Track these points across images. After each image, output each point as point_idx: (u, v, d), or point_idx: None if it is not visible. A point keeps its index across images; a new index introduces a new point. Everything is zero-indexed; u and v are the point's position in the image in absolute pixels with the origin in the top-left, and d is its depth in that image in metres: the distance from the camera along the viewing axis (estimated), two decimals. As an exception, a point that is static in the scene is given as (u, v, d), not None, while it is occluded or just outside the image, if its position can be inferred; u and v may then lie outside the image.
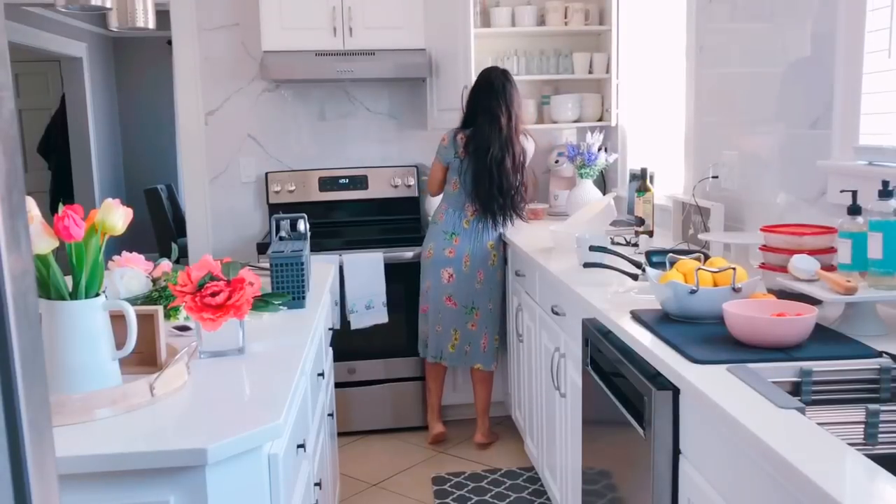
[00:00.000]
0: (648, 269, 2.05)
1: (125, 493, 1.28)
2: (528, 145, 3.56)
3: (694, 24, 3.01)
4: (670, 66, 3.34)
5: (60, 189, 7.15)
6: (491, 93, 3.43)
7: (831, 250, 1.91)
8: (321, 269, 2.72)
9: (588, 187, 3.85)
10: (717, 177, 2.84)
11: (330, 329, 2.86)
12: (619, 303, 2.08)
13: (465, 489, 3.28)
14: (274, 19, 3.80)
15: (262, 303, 1.94)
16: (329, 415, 2.59)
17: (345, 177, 4.19)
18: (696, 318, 1.82)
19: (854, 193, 1.79)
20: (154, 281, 2.06)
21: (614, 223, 3.34)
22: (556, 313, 2.64)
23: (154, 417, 1.41)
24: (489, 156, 3.41)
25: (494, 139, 3.41)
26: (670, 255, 2.06)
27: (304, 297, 2.21)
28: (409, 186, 4.22)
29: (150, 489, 1.28)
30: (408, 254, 3.77)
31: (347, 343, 3.70)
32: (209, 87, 4.14)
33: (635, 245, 2.97)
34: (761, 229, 2.09)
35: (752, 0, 2.60)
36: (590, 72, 4.06)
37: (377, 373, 3.85)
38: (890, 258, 1.66)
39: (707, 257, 2.07)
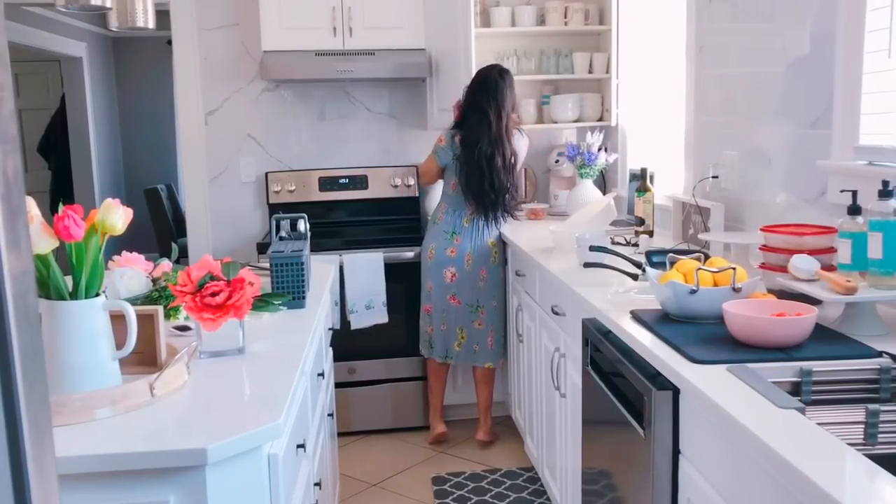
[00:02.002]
0: (648, 269, 2.05)
1: (125, 493, 1.28)
2: (521, 143, 3.54)
3: (694, 24, 3.01)
4: (670, 66, 3.35)
5: (60, 189, 7.15)
6: (483, 90, 3.44)
7: (831, 250, 1.91)
8: (321, 269, 2.72)
9: (588, 187, 3.85)
10: (717, 177, 2.84)
11: (330, 329, 2.86)
12: (619, 303, 2.08)
13: (465, 489, 3.28)
14: (274, 19, 3.80)
15: (262, 303, 1.94)
16: (329, 415, 2.59)
17: (345, 177, 4.19)
18: (696, 318, 1.82)
19: (854, 193, 1.79)
20: (154, 281, 2.06)
21: (614, 223, 3.34)
22: (556, 313, 2.64)
23: (154, 417, 1.41)
24: (477, 151, 3.41)
25: (483, 136, 3.42)
26: (670, 255, 2.06)
27: (304, 297, 2.21)
28: (409, 186, 4.22)
29: (150, 489, 1.28)
30: (408, 254, 3.76)
31: (347, 343, 3.70)
32: (209, 87, 4.14)
33: (635, 245, 2.97)
34: (761, 229, 2.09)
35: (751, 0, 2.60)
36: (590, 72, 4.06)
37: (377, 373, 3.85)
38: (890, 258, 1.66)
39: (707, 257, 2.07)
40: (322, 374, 2.32)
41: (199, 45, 4.10)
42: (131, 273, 1.99)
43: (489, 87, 3.43)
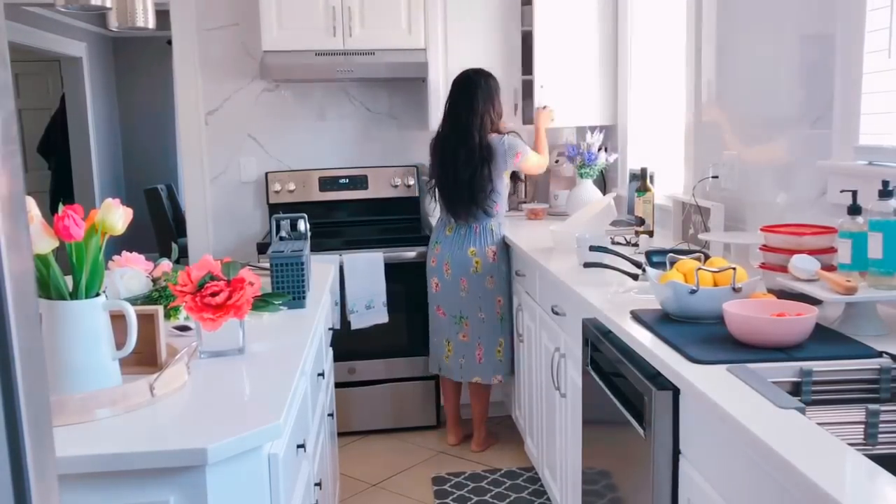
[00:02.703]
0: (648, 269, 2.05)
1: (125, 493, 1.28)
2: (504, 142, 3.37)
3: (694, 24, 3.01)
4: (670, 66, 3.34)
5: (60, 189, 7.16)
6: (455, 89, 3.43)
7: (831, 250, 1.91)
8: (321, 269, 2.72)
9: (588, 187, 3.85)
10: (717, 177, 2.84)
11: (330, 329, 2.86)
12: (619, 303, 2.08)
13: (465, 489, 3.28)
14: (274, 19, 3.80)
15: (262, 303, 1.94)
16: (329, 415, 2.59)
17: (345, 177, 4.19)
18: (696, 318, 1.82)
19: (854, 193, 1.79)
20: (154, 281, 2.06)
21: (614, 223, 3.34)
22: (557, 313, 2.64)
23: (154, 417, 1.41)
24: (444, 148, 3.40)
25: (449, 132, 3.40)
26: (670, 254, 2.06)
27: (304, 297, 2.21)
28: (409, 186, 4.22)
29: (150, 489, 1.28)
30: (408, 254, 3.76)
31: (347, 343, 3.70)
32: (209, 87, 4.14)
33: (635, 245, 2.97)
34: (761, 229, 2.09)
35: (751, 0, 2.60)
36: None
37: (377, 373, 3.85)
38: (890, 258, 1.66)
39: (707, 257, 2.07)
40: (322, 374, 2.32)
41: (199, 45, 4.10)
42: (131, 273, 1.99)
43: (460, 85, 3.42)
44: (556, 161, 4.20)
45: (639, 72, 3.81)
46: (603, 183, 4.09)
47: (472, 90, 3.38)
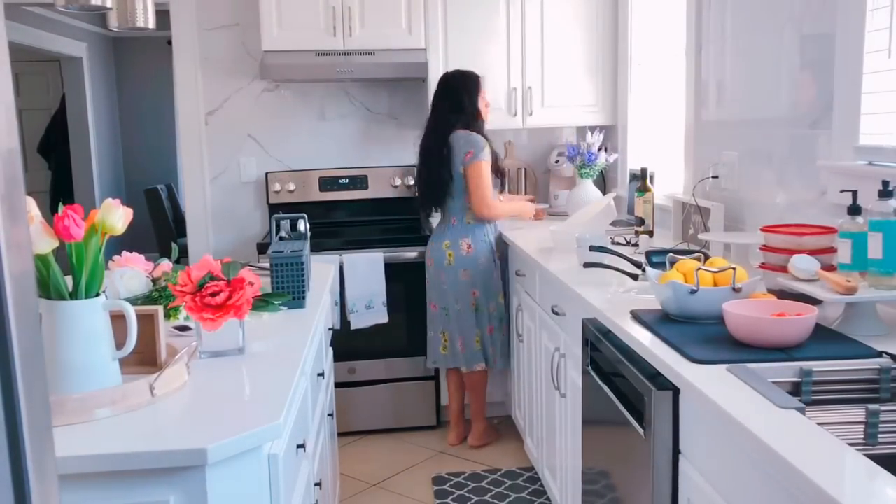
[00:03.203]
0: (648, 269, 2.05)
1: (125, 493, 1.28)
2: (459, 139, 3.43)
3: (694, 23, 3.01)
4: (670, 65, 3.35)
5: (60, 189, 7.16)
6: (437, 91, 3.53)
7: (831, 250, 1.91)
8: (321, 269, 2.72)
9: (588, 187, 3.85)
10: (717, 177, 2.84)
11: (330, 329, 2.86)
12: (619, 303, 2.08)
13: (465, 489, 3.28)
14: (274, 19, 3.80)
15: (262, 303, 1.94)
16: (329, 415, 2.59)
17: (345, 177, 4.19)
18: (696, 318, 1.82)
19: (854, 193, 1.79)
20: (154, 281, 2.06)
21: (614, 223, 3.34)
22: (556, 313, 2.64)
23: (154, 417, 1.41)
24: (423, 147, 3.50)
25: (430, 132, 3.49)
26: (670, 255, 2.06)
27: (304, 297, 2.21)
28: (409, 186, 4.22)
29: (150, 489, 1.28)
30: (408, 254, 3.77)
31: (347, 343, 3.70)
32: (209, 87, 4.14)
33: (635, 245, 2.97)
34: (761, 229, 2.09)
35: (752, 0, 2.60)
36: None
37: (377, 373, 3.85)
38: (890, 258, 1.66)
39: (707, 257, 2.07)
40: (322, 374, 2.32)
41: (199, 45, 4.10)
42: (131, 273, 1.99)
43: (438, 87, 3.52)
44: (556, 161, 4.20)
45: (639, 72, 3.81)
46: (603, 183, 4.09)
47: (446, 92, 3.48)
